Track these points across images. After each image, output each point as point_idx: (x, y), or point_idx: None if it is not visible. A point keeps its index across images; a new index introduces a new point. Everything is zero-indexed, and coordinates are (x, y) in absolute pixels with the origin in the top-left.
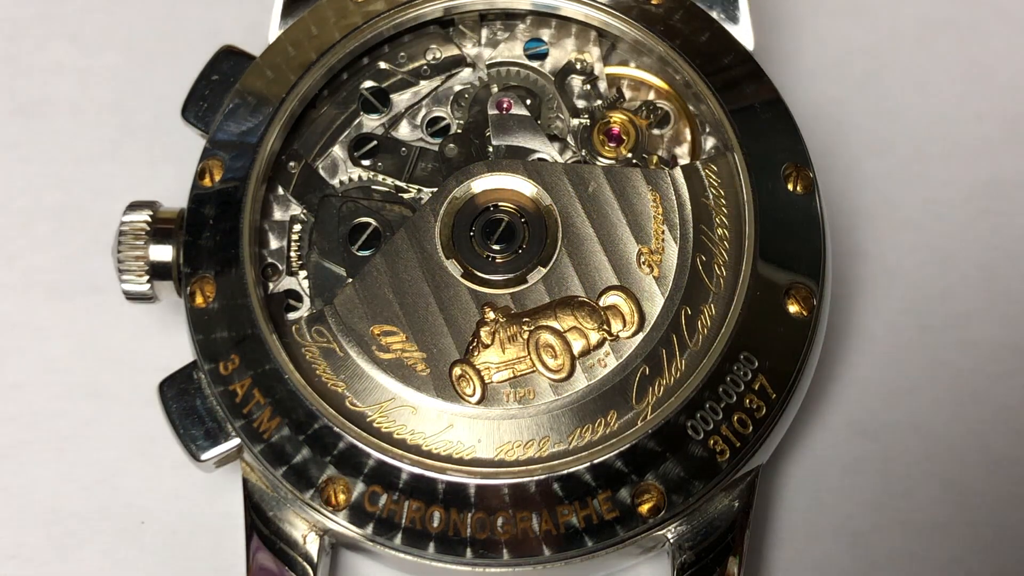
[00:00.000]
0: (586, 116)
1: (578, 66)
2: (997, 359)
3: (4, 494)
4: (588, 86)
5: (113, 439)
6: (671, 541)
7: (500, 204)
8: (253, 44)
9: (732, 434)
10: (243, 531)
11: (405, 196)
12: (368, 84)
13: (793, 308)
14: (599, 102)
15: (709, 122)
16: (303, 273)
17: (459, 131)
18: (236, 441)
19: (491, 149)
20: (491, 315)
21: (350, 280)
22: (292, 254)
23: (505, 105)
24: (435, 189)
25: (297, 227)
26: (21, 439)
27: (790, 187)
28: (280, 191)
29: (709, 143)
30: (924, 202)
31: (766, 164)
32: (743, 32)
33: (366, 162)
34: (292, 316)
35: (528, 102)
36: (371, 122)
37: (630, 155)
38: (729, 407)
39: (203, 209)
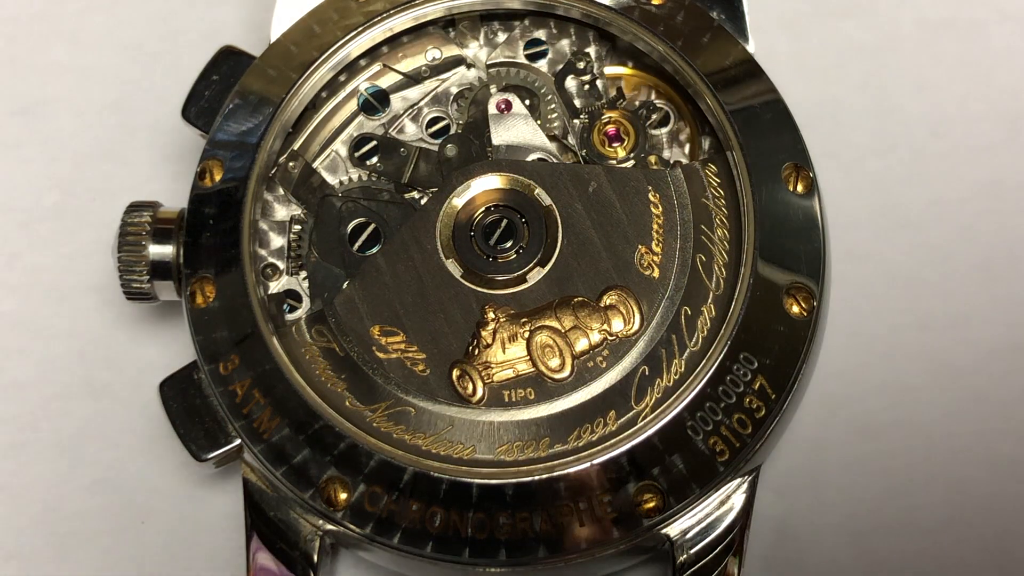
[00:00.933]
0: (586, 116)
1: (578, 66)
2: (997, 359)
3: (4, 494)
4: (588, 86)
5: (113, 439)
6: (671, 541)
7: (500, 204)
8: (253, 44)
9: (732, 434)
10: (243, 531)
11: (405, 196)
12: (368, 84)
13: (793, 308)
14: (599, 102)
15: (709, 122)
16: (303, 273)
17: (459, 131)
18: (236, 441)
19: (491, 149)
20: (491, 315)
21: (350, 280)
22: (292, 254)
23: (505, 105)
24: (435, 189)
25: (297, 227)
26: (21, 439)
27: (790, 187)
28: (280, 191)
29: (709, 143)
30: (924, 202)
31: (766, 164)
32: (743, 32)
33: (367, 162)
34: (292, 316)
35: (528, 102)
36: (371, 122)
37: (630, 155)
38: (729, 407)
39: (203, 209)
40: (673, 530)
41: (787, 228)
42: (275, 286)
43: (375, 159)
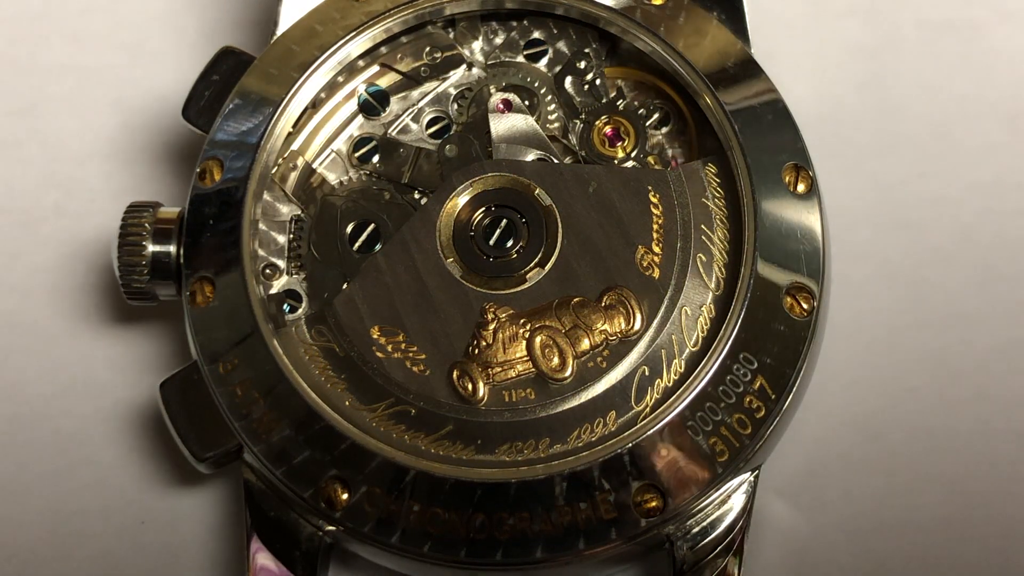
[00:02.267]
0: (586, 116)
1: (578, 66)
2: (997, 359)
3: (4, 494)
4: (588, 86)
5: (113, 439)
6: (671, 541)
7: (500, 204)
8: (253, 44)
9: (731, 434)
10: (243, 531)
11: (405, 196)
12: (368, 85)
13: (793, 308)
14: (599, 102)
15: (709, 122)
16: (303, 273)
17: (459, 131)
18: (236, 441)
19: (491, 149)
20: (491, 315)
21: (350, 280)
22: (292, 254)
23: (505, 105)
24: (435, 189)
25: (297, 227)
26: (21, 439)
27: (790, 187)
28: (280, 191)
29: (709, 143)
30: (924, 202)
31: (766, 164)
32: (743, 32)
33: (366, 163)
34: (292, 316)
35: (528, 102)
36: (371, 122)
37: (630, 155)
38: (729, 407)
39: (203, 209)
40: (673, 530)
41: (787, 228)
42: (275, 286)
43: (375, 159)
